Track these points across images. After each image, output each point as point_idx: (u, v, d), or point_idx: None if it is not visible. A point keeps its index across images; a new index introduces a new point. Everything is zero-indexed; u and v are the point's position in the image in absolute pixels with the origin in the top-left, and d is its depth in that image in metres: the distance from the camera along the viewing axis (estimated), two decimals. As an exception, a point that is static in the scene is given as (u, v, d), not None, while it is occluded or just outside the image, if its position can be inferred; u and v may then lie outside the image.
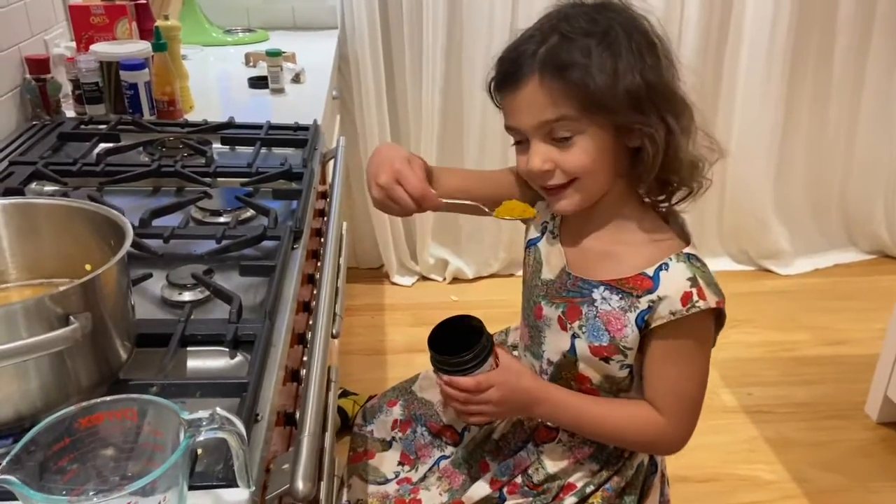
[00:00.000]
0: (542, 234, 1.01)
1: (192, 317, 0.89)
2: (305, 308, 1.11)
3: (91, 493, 0.59)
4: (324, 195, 1.46)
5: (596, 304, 0.91)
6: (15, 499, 0.53)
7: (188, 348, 0.85)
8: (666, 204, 0.94)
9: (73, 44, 1.60)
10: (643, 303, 0.87)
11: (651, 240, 0.91)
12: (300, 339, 1.04)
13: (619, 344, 0.89)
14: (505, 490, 0.98)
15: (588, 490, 0.96)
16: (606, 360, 0.91)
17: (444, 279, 2.60)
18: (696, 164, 0.88)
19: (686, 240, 0.92)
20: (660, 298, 0.86)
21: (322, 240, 1.27)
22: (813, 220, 2.73)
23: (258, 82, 1.79)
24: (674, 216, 0.95)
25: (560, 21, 0.85)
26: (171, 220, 1.11)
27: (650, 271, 0.88)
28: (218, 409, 0.56)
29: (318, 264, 1.22)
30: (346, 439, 1.24)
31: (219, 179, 1.27)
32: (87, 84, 1.50)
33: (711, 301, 0.86)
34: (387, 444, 1.12)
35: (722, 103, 2.49)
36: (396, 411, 1.14)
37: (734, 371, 2.14)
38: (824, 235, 2.75)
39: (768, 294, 2.56)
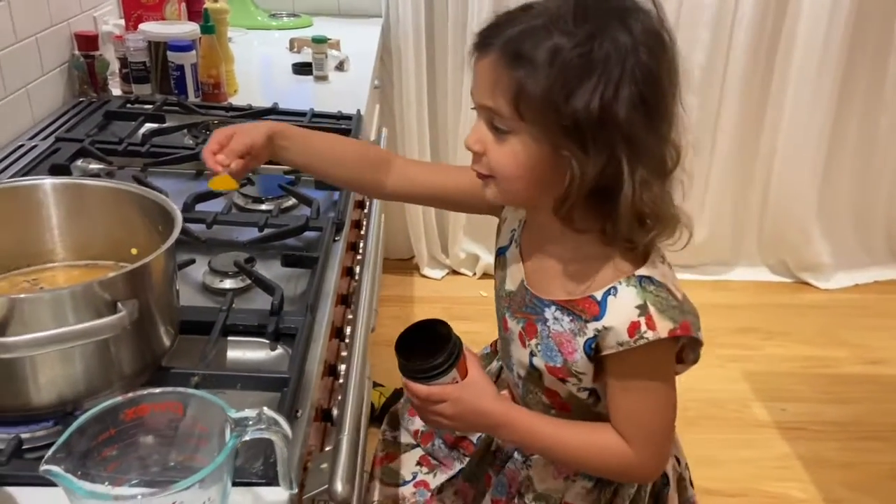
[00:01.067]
0: (510, 243, 0.95)
1: (234, 305, 0.88)
2: (343, 301, 1.10)
3: (134, 482, 0.59)
4: (364, 186, 1.45)
5: (548, 324, 0.85)
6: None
7: (229, 338, 0.84)
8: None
9: (122, 22, 1.60)
10: (590, 330, 0.81)
11: (606, 257, 0.82)
12: (337, 333, 1.03)
13: (571, 368, 0.84)
14: None
15: None
16: (563, 381, 0.86)
17: (475, 274, 2.58)
18: (645, 219, 0.78)
19: (646, 257, 0.82)
20: (605, 328, 0.80)
21: (362, 232, 1.26)
22: (855, 233, 2.66)
23: (302, 69, 1.78)
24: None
25: (560, 6, 0.74)
26: (214, 206, 1.10)
27: (598, 295, 0.81)
28: (265, 409, 0.55)
29: (357, 257, 1.21)
30: (372, 430, 1.23)
31: (262, 166, 1.26)
32: (134, 63, 1.50)
33: (663, 331, 0.78)
34: (410, 447, 1.10)
35: (770, 106, 2.44)
36: (418, 421, 1.11)
37: (768, 385, 2.10)
38: (866, 250, 2.68)
39: (806, 308, 2.50)
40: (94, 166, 1.22)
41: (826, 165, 2.51)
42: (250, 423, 0.54)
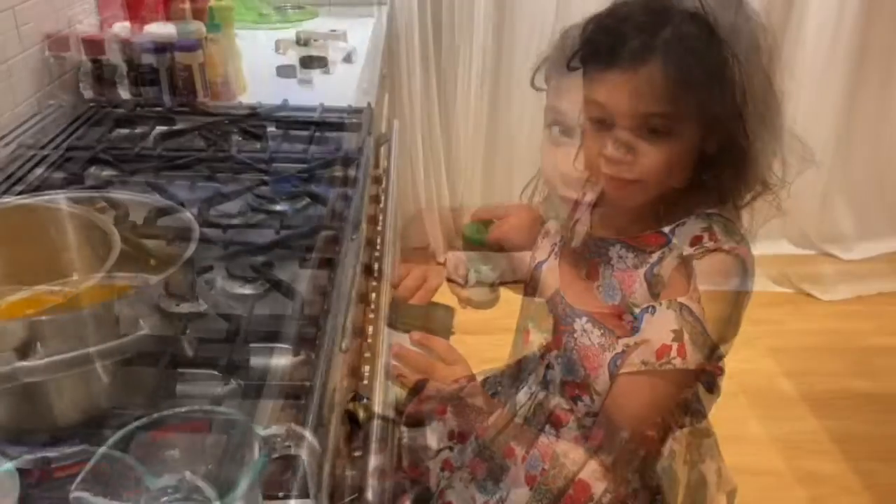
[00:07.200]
0: (548, 257, 1.00)
1: (254, 311, 0.87)
2: (362, 299, 1.09)
3: (163, 502, 0.58)
4: (376, 180, 1.43)
5: (575, 336, 0.90)
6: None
7: (251, 344, 0.83)
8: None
9: (128, 24, 1.59)
10: (654, 258, 0.85)
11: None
12: (359, 333, 1.02)
13: (629, 301, 0.87)
14: None
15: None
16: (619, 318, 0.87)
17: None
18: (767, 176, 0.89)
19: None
20: (670, 249, 0.84)
21: (378, 228, 1.25)
22: (880, 200, 2.60)
23: (311, 62, 1.76)
24: None
25: (671, 8, 0.80)
26: (230, 208, 1.10)
27: (666, 230, 0.86)
28: (293, 425, 0.54)
29: (375, 253, 1.20)
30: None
31: (274, 165, 1.25)
32: (142, 66, 1.49)
33: (724, 244, 0.82)
34: (434, 453, 1.11)
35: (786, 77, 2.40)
36: (450, 422, 1.11)
37: (795, 359, 2.08)
38: (888, 219, 2.63)
39: (832, 278, 2.47)
40: (107, 173, 1.21)
41: (845, 136, 2.47)
42: (279, 440, 0.54)
